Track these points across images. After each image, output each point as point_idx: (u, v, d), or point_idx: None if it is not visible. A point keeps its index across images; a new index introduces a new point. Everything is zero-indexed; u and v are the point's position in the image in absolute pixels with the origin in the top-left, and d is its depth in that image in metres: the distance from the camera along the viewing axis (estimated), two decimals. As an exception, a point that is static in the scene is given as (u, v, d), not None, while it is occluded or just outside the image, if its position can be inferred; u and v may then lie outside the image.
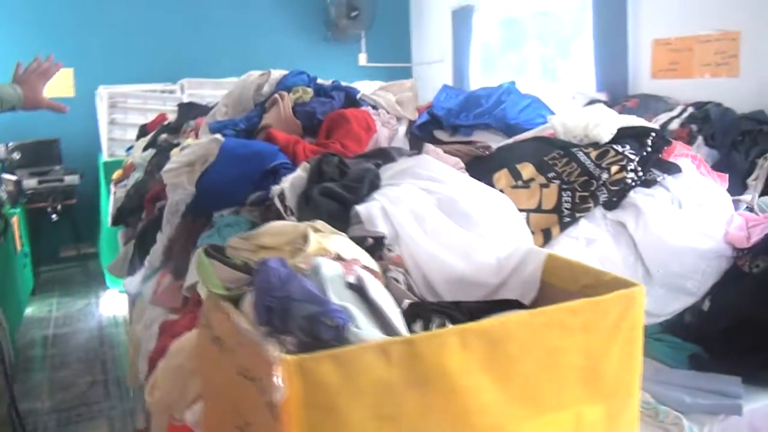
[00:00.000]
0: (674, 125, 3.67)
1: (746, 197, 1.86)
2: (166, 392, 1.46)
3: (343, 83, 2.48)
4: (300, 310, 0.97)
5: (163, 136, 3.84)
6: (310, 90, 2.33)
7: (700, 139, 3.51)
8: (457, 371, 0.95)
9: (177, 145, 3.38)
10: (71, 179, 5.45)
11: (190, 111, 3.89)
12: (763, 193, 2.88)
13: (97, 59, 5.76)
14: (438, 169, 1.56)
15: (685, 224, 1.63)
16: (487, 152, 1.75)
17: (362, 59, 6.63)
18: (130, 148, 4.54)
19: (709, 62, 3.94)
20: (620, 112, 3.84)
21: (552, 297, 1.29)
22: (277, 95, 2.28)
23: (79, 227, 5.66)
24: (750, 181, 3.02)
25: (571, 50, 5.48)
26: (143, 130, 4.42)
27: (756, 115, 3.51)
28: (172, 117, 4.83)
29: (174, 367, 1.45)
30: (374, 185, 1.51)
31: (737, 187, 2.59)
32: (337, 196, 1.47)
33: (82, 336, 4.58)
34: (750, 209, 1.83)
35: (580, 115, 1.87)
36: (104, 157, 5.45)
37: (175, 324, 1.78)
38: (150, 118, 5.44)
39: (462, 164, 1.67)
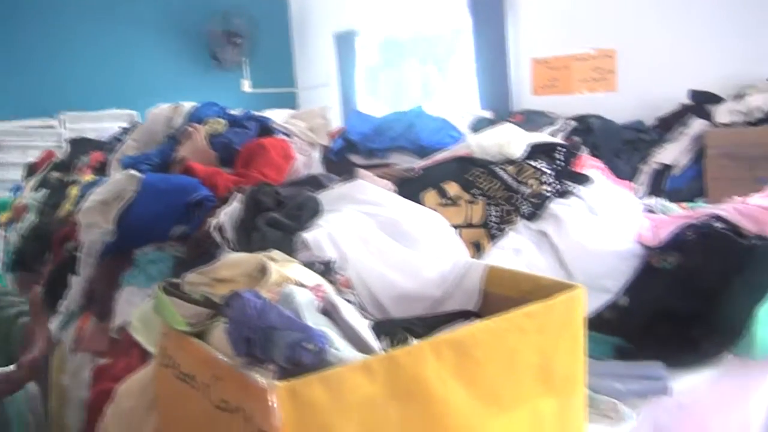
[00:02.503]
0: (558, 138, 3.92)
1: (650, 201, 2.03)
2: (120, 436, 1.42)
3: (256, 113, 2.50)
4: (282, 338, 1.00)
5: (54, 174, 3.68)
6: (223, 121, 2.32)
7: (584, 149, 3.78)
8: (432, 381, 1.01)
9: (71, 182, 3.27)
10: (-54, 225, 5.07)
11: (81, 147, 3.75)
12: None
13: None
14: (375, 193, 1.61)
15: (601, 229, 1.77)
16: (414, 174, 1.83)
17: (245, 85, 6.61)
18: (17, 189, 4.30)
19: (586, 78, 4.24)
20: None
21: (494, 304, 1.38)
22: (190, 127, 2.26)
23: (-44, 275, 5.28)
24: (635, 185, 3.29)
25: (449, 70, 5.71)
26: (31, 169, 4.21)
27: (635, 125, 3.82)
28: (59, 153, 4.64)
29: (126, 410, 1.41)
30: (316, 212, 1.54)
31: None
32: (281, 225, 1.50)
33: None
34: (650, 211, 2.00)
35: (494, 135, 1.98)
36: (-16, 199, 5.13)
37: (112, 367, 1.73)
38: (32, 155, 5.19)
39: (393, 186, 1.73)
